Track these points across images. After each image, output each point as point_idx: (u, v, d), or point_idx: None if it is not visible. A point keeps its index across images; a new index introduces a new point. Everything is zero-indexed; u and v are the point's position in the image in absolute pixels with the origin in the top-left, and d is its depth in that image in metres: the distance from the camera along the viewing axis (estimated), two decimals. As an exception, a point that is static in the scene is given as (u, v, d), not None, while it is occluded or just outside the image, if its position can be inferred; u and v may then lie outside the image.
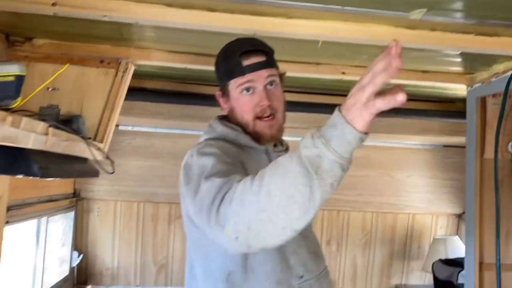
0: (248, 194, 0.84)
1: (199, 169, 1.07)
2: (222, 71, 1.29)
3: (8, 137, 0.97)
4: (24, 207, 2.13)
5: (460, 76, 2.12)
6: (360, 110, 0.75)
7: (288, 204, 0.79)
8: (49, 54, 1.89)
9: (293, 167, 0.79)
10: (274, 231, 0.83)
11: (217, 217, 0.90)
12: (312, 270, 1.21)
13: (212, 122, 1.33)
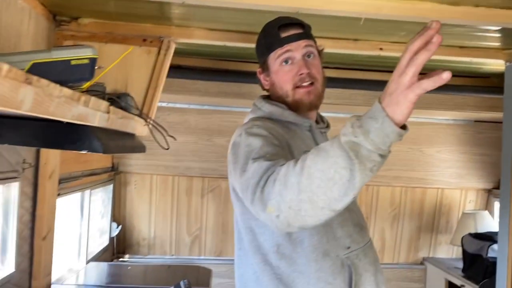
0: (290, 176, 0.89)
1: (247, 148, 1.11)
2: (262, 47, 1.33)
3: (80, 115, 1.04)
4: (70, 180, 2.24)
5: (499, 51, 2.10)
6: (404, 94, 0.74)
7: (328, 185, 0.83)
8: (94, 33, 1.95)
9: (334, 151, 0.82)
10: (313, 211, 0.87)
11: (261, 196, 0.95)
12: (358, 241, 1.25)
13: (257, 101, 1.37)
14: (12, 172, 1.62)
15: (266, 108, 1.32)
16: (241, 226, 1.28)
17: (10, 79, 0.69)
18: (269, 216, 0.93)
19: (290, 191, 0.88)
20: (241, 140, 1.16)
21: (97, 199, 2.86)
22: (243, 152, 1.11)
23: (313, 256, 1.17)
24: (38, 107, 0.81)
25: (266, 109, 1.32)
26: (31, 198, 1.80)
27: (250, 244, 1.25)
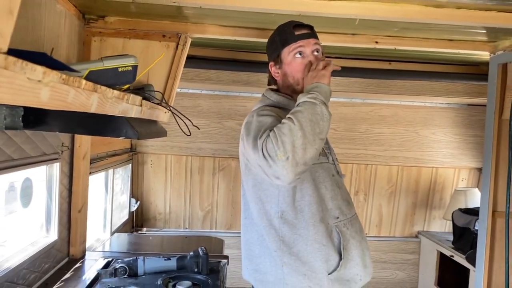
0: (285, 127, 1.27)
1: (258, 123, 1.39)
2: (276, 43, 1.56)
3: (124, 110, 1.29)
4: (98, 160, 2.51)
5: (484, 44, 2.30)
6: (323, 72, 1.40)
7: (311, 124, 1.27)
8: (119, 30, 2.17)
9: (304, 106, 1.32)
10: (309, 143, 1.25)
11: (268, 153, 1.26)
12: (346, 213, 1.51)
13: (266, 92, 1.63)
14: (54, 154, 1.88)
15: (274, 98, 1.58)
16: (251, 196, 1.52)
17: (85, 89, 0.94)
18: (280, 163, 1.24)
19: (289, 135, 1.25)
20: (253, 119, 1.43)
21: (118, 177, 3.13)
22: (254, 127, 1.38)
23: (311, 221, 1.43)
24: (100, 107, 1.06)
25: (274, 99, 1.58)
26: (68, 176, 2.07)
27: (258, 212, 1.49)
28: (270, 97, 1.60)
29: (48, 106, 0.76)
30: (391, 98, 3.27)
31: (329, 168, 1.54)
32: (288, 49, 1.53)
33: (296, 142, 1.23)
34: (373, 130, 3.49)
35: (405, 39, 2.24)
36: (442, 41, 2.29)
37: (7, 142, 1.48)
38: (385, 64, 2.83)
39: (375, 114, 3.45)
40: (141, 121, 1.68)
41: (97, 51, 2.14)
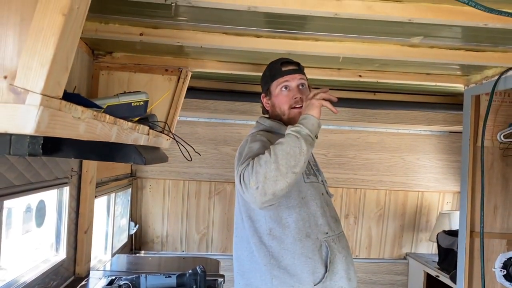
0: (262, 159, 1.37)
1: (248, 149, 1.51)
2: (267, 77, 1.75)
3: (135, 139, 1.47)
4: (102, 185, 2.67)
5: (458, 77, 2.53)
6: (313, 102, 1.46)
7: (287, 157, 1.35)
8: (125, 64, 2.37)
9: (287, 138, 1.40)
10: (281, 176, 1.34)
11: (243, 179, 1.39)
12: (334, 229, 1.62)
13: (259, 119, 1.79)
14: (65, 178, 2.05)
15: (267, 123, 1.74)
16: (243, 215, 1.64)
17: (108, 123, 1.12)
18: (251, 191, 1.36)
19: (263, 167, 1.35)
20: (245, 144, 1.57)
21: (119, 201, 3.28)
22: (245, 153, 1.50)
23: (298, 236, 1.54)
24: (118, 137, 1.24)
25: (267, 124, 1.74)
26: (76, 199, 2.23)
27: (249, 229, 1.60)
28: (263, 123, 1.75)
29: (83, 137, 0.94)
30: (377, 126, 3.48)
31: (319, 187, 1.66)
32: (276, 83, 1.70)
33: (268, 174, 1.33)
34: (361, 155, 3.69)
35: (386, 73, 2.46)
36: (420, 74, 2.50)
37: (27, 168, 1.65)
38: (370, 95, 3.05)
39: (362, 140, 3.66)
40: (147, 148, 1.86)
41: (104, 84, 2.33)
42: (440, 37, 1.82)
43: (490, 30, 1.66)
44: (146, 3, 1.50)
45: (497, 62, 2.06)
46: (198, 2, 1.45)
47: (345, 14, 1.46)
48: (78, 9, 0.72)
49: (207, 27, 1.86)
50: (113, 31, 1.90)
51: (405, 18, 1.47)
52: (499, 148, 2.54)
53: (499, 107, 2.53)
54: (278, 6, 1.44)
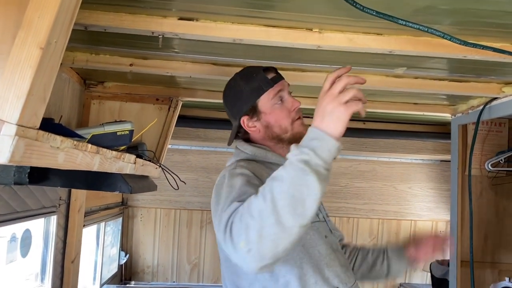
0: (254, 206, 0.91)
1: (228, 189, 1.11)
2: (247, 93, 1.34)
3: (120, 168, 1.48)
4: (92, 213, 2.65)
5: (445, 107, 2.57)
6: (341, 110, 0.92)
7: (291, 203, 0.88)
8: (116, 94, 2.40)
9: (289, 173, 0.90)
10: (282, 232, 0.88)
11: (230, 235, 0.94)
12: (346, 281, 1.24)
13: (239, 144, 1.39)
14: (52, 207, 2.04)
15: (249, 150, 1.34)
16: (225, 269, 1.31)
17: (90, 152, 1.13)
18: (240, 254, 0.91)
19: (257, 220, 0.89)
20: (223, 182, 1.17)
21: (109, 230, 3.25)
22: (224, 194, 1.10)
23: None
24: (101, 166, 1.25)
25: (249, 151, 1.34)
26: (63, 228, 2.21)
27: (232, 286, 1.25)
28: (244, 150, 1.36)
29: (62, 166, 0.95)
30: (368, 155, 3.51)
31: (321, 228, 1.30)
32: (266, 96, 1.33)
33: (265, 231, 0.88)
34: (353, 184, 3.69)
35: (374, 102, 2.50)
36: (408, 104, 2.54)
37: (12, 196, 1.64)
38: (359, 124, 3.08)
39: (354, 169, 3.67)
40: (134, 176, 1.86)
41: (95, 113, 2.35)
42: (424, 68, 1.86)
43: (472, 62, 1.70)
44: (135, 35, 1.53)
45: (481, 92, 2.10)
46: (185, 35, 1.48)
47: (327, 47, 1.49)
48: (56, 43, 0.74)
49: (196, 58, 1.90)
50: (103, 61, 1.93)
51: (386, 50, 1.51)
52: (487, 177, 2.55)
53: (486, 136, 2.56)
54: (262, 38, 1.48)
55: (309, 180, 0.88)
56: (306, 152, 0.90)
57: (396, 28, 1.43)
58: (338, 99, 0.94)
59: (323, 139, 0.92)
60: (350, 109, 0.93)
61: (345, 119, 0.93)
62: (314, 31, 1.47)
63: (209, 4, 1.34)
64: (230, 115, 1.43)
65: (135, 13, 1.43)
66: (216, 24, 1.47)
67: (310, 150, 0.90)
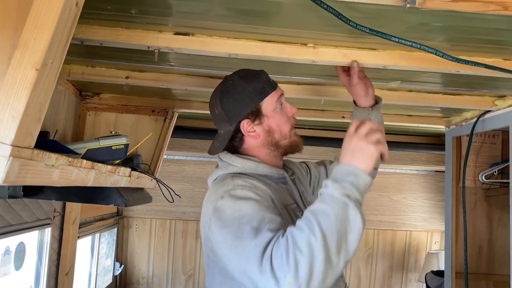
0: (302, 241, 0.91)
1: (238, 213, 1.05)
2: (251, 94, 1.28)
3: (115, 181, 1.48)
4: (86, 225, 2.64)
5: (439, 119, 2.59)
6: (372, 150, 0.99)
7: (337, 238, 0.91)
8: (112, 105, 2.40)
9: (332, 206, 0.94)
10: (331, 268, 0.90)
11: (271, 269, 0.92)
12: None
13: (225, 157, 1.31)
14: (47, 220, 2.03)
15: (239, 163, 1.26)
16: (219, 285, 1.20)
17: (85, 168, 1.13)
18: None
19: (307, 255, 0.89)
20: (225, 204, 1.10)
21: (103, 241, 3.24)
22: (232, 218, 1.05)
23: None
24: (95, 181, 1.25)
25: (238, 164, 1.26)
26: (58, 240, 2.20)
27: None
28: (232, 163, 1.27)
29: (57, 184, 0.95)
30: (363, 165, 3.51)
31: None
32: (270, 99, 1.29)
33: (316, 267, 0.89)
34: (349, 194, 3.70)
35: (369, 114, 2.51)
36: (402, 116, 2.56)
37: (7, 210, 1.64)
38: (355, 135, 3.09)
39: (350, 179, 3.68)
40: (129, 189, 1.86)
41: (91, 124, 2.35)
42: (418, 81, 1.88)
43: (465, 76, 1.72)
44: (131, 49, 1.54)
45: (474, 105, 2.12)
46: (181, 49, 1.50)
47: (322, 61, 1.51)
48: (52, 63, 0.75)
49: (192, 71, 1.91)
50: (99, 74, 1.94)
51: (380, 65, 1.52)
52: (481, 189, 2.57)
53: (480, 148, 2.58)
54: (257, 53, 1.49)
55: (352, 215, 0.93)
56: (347, 187, 0.95)
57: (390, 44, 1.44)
58: (367, 139, 1.00)
59: (358, 175, 0.97)
60: (379, 149, 1.00)
61: (375, 157, 0.99)
62: (309, 46, 1.49)
63: (205, 20, 1.35)
64: (223, 118, 1.31)
65: (131, 28, 1.44)
66: (212, 39, 1.48)
67: (350, 185, 0.95)
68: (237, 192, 1.12)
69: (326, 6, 1.08)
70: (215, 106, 1.34)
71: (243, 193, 1.11)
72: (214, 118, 1.38)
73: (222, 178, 1.26)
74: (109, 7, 1.28)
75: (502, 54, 1.50)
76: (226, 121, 1.30)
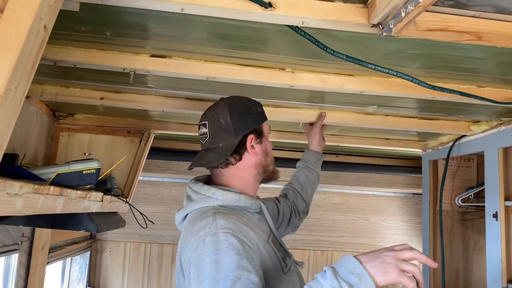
0: None
1: (214, 265, 1.01)
2: (256, 114, 1.34)
3: (85, 207, 1.43)
4: (57, 249, 2.54)
5: (416, 142, 2.62)
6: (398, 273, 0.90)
7: None
8: (86, 126, 2.34)
9: None
10: None
11: None
12: None
13: (202, 189, 1.26)
14: (14, 245, 1.94)
15: (220, 195, 1.21)
16: None
17: (53, 195, 1.08)
18: None
19: None
20: (205, 251, 1.04)
21: (75, 265, 3.12)
22: (209, 270, 1.01)
23: None
24: (64, 208, 1.20)
25: (219, 197, 1.21)
26: (26, 267, 2.10)
27: None
28: (212, 195, 1.22)
29: (21, 213, 0.90)
30: (341, 187, 3.51)
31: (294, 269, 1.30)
32: (266, 125, 1.38)
33: None
34: (327, 216, 3.68)
35: (346, 137, 2.52)
36: (379, 139, 2.58)
37: (-30, 236, 1.56)
38: (333, 157, 3.10)
39: (328, 201, 3.67)
40: (102, 213, 1.80)
41: (64, 146, 2.29)
42: (394, 106, 1.89)
43: (441, 102, 1.74)
44: (107, 71, 1.51)
45: (450, 130, 2.15)
46: (157, 72, 1.47)
47: (300, 86, 1.50)
48: (17, 88, 0.71)
49: (169, 93, 1.88)
50: (73, 95, 1.89)
51: (357, 90, 1.53)
52: (458, 212, 2.59)
53: (456, 172, 2.61)
54: (235, 77, 1.48)
55: None
56: (344, 286, 0.89)
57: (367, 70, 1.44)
58: (399, 262, 0.92)
59: (364, 279, 0.90)
60: (400, 277, 0.90)
61: (391, 280, 0.91)
62: (287, 71, 1.49)
63: (182, 43, 1.33)
64: (229, 130, 1.29)
65: (107, 49, 1.41)
66: (189, 62, 1.47)
67: (348, 286, 0.89)
68: (220, 237, 1.06)
69: (304, 33, 1.08)
70: (222, 117, 1.30)
71: (226, 239, 1.05)
72: (214, 130, 1.31)
73: (200, 212, 1.19)
74: (83, 28, 1.26)
75: (476, 81, 1.53)
76: (231, 133, 1.28)
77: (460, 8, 1.00)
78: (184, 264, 1.12)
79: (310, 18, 1.00)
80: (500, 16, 1.03)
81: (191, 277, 1.05)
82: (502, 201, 1.85)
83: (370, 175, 3.20)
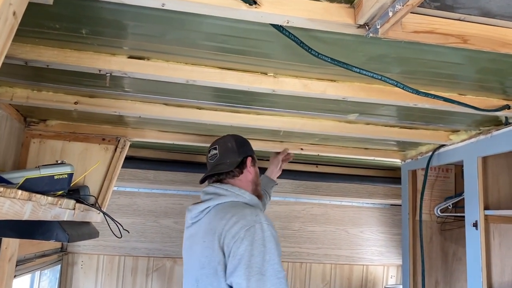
0: None
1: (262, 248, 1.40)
2: (250, 145, 1.88)
3: (56, 215, 1.35)
4: (26, 262, 2.42)
5: (395, 152, 2.62)
6: None
7: None
8: (59, 133, 2.26)
9: None
10: None
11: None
12: None
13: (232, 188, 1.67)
14: (-22, 257, 1.83)
15: (247, 196, 1.66)
16: None
17: (20, 199, 1.01)
18: None
19: None
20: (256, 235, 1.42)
21: (45, 279, 2.98)
22: (259, 252, 1.39)
23: None
24: (33, 214, 1.12)
25: (247, 197, 1.66)
26: (-10, 281, 1.98)
27: None
28: (242, 194, 1.66)
29: (-17, 217, 0.83)
30: (321, 198, 3.49)
31: None
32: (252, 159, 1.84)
33: None
34: (306, 228, 3.64)
35: (326, 146, 2.51)
36: (359, 149, 2.57)
37: None
38: (312, 167, 3.08)
39: (307, 212, 3.63)
40: (74, 223, 1.72)
41: (35, 153, 2.19)
42: (375, 114, 1.88)
43: (422, 110, 1.74)
44: (81, 72, 1.45)
45: (429, 139, 2.16)
46: (135, 74, 1.42)
47: (282, 91, 1.47)
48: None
49: (147, 98, 1.82)
50: (46, 98, 1.82)
51: (340, 96, 1.51)
52: (437, 222, 2.59)
53: (435, 182, 2.62)
54: (216, 80, 1.44)
55: None
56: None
57: (350, 75, 1.44)
58: None
59: None
60: None
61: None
62: (269, 75, 1.46)
63: (161, 43, 1.29)
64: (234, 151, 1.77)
65: (81, 49, 1.35)
66: (169, 64, 1.42)
67: None
68: (265, 226, 1.45)
69: (288, 33, 1.05)
70: (229, 142, 1.80)
71: (270, 230, 1.45)
72: (223, 151, 1.78)
73: (232, 205, 1.58)
74: (57, 25, 1.20)
75: (457, 89, 1.53)
76: (236, 152, 1.77)
77: (446, 10, 0.99)
78: (227, 236, 1.44)
79: (295, 17, 0.98)
80: (485, 19, 1.03)
81: (241, 245, 1.40)
82: (481, 210, 1.85)
83: (350, 186, 3.19)
